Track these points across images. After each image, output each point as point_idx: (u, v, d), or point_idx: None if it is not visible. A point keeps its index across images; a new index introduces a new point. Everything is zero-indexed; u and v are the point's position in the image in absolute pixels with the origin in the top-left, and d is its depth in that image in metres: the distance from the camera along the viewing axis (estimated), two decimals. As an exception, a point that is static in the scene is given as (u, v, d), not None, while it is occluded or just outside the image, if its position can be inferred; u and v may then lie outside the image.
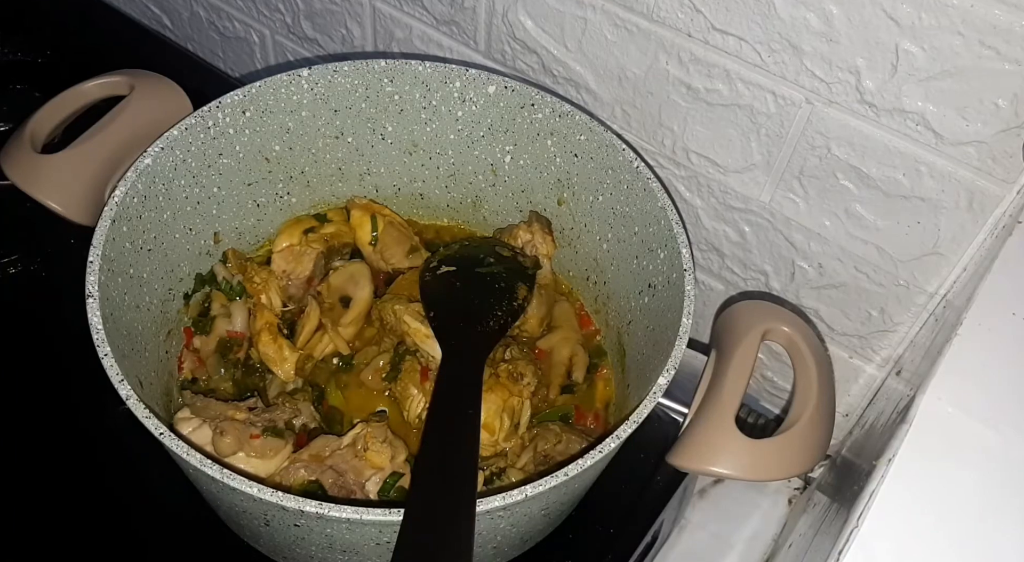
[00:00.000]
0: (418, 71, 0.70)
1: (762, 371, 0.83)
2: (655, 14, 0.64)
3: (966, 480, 0.40)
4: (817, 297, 0.73)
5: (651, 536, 0.69)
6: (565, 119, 0.69)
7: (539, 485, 0.48)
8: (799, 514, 0.78)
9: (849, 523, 0.39)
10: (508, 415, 0.64)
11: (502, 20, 0.75)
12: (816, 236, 0.68)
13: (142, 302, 0.62)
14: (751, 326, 0.62)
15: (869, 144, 0.60)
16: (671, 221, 0.62)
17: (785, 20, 0.58)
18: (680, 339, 0.56)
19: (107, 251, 0.56)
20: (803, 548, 0.63)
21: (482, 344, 0.62)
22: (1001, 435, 0.42)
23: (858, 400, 0.77)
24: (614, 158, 0.67)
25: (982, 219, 0.59)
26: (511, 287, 0.68)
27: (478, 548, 0.48)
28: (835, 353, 0.75)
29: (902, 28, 0.54)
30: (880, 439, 0.51)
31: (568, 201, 0.73)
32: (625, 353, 0.70)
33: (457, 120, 0.73)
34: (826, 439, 0.59)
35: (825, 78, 0.59)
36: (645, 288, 0.66)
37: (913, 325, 0.68)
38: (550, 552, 0.65)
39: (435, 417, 0.54)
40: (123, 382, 0.50)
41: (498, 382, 0.64)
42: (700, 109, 0.67)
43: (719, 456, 0.56)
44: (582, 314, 0.76)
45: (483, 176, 0.76)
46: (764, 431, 0.77)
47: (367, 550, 0.52)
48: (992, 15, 0.50)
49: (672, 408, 0.63)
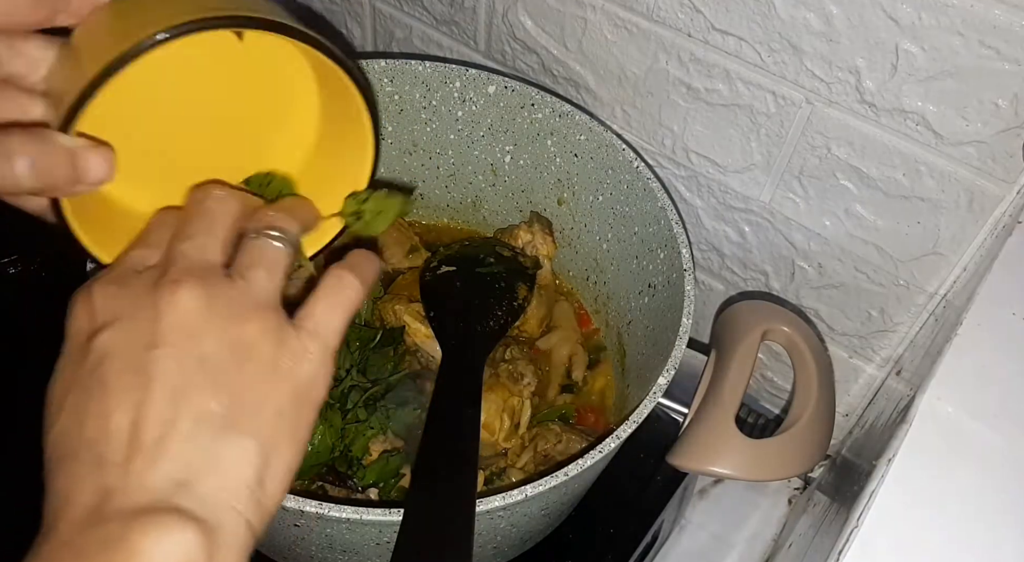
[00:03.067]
0: (418, 71, 0.70)
1: (762, 371, 0.83)
2: (655, 14, 0.64)
3: (966, 480, 0.40)
4: (817, 297, 0.73)
5: (651, 536, 0.69)
6: (565, 119, 0.69)
7: (539, 485, 0.48)
8: (799, 514, 0.78)
9: (849, 523, 0.39)
10: (508, 415, 0.64)
11: (502, 20, 0.75)
12: (816, 236, 0.68)
13: (142, 302, 0.61)
14: (751, 326, 0.62)
15: (869, 144, 0.60)
16: (671, 221, 0.62)
17: (785, 20, 0.58)
18: (680, 339, 0.56)
19: (107, 251, 0.56)
20: (803, 548, 0.63)
21: (482, 344, 0.62)
22: (1001, 435, 0.42)
23: (858, 400, 0.77)
24: (614, 158, 0.67)
25: (982, 219, 0.59)
26: (511, 287, 0.68)
27: (478, 548, 0.48)
28: (835, 353, 0.75)
29: (902, 28, 0.54)
30: (880, 439, 0.51)
31: (568, 201, 0.73)
32: (625, 353, 0.70)
33: (457, 120, 0.73)
34: (826, 439, 0.59)
35: (825, 78, 0.59)
36: (645, 288, 0.67)
37: (913, 325, 0.68)
38: (550, 552, 0.65)
39: (435, 417, 0.54)
40: (123, 382, 0.50)
41: (498, 382, 0.64)
42: (700, 109, 0.67)
43: (719, 456, 0.56)
44: (581, 313, 0.76)
45: (483, 176, 0.76)
46: (764, 431, 0.77)
47: (367, 550, 0.52)
48: (992, 15, 0.50)
49: (672, 408, 0.63)
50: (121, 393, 0.34)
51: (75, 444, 0.34)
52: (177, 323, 0.35)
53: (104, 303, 0.36)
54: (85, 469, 0.33)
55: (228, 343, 0.35)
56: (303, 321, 0.38)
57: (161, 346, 0.34)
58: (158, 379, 0.34)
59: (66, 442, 0.34)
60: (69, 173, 0.38)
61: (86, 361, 0.35)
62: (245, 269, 0.38)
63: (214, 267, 0.37)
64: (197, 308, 0.35)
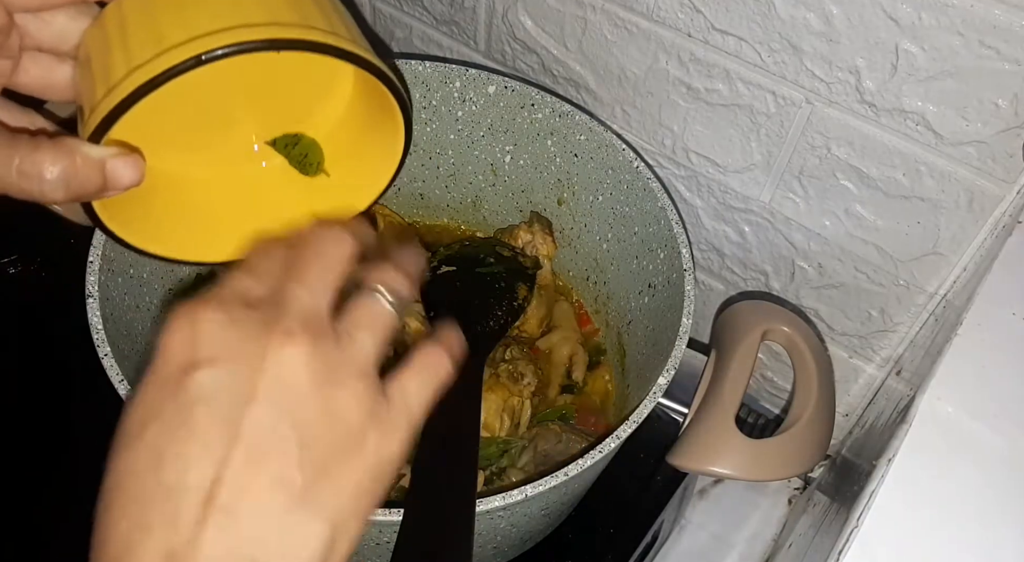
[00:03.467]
0: (418, 71, 0.70)
1: (762, 371, 0.83)
2: (655, 14, 0.64)
3: (966, 480, 0.40)
4: (817, 297, 0.73)
5: (651, 536, 0.69)
6: (565, 119, 0.69)
7: (539, 485, 0.48)
8: (799, 514, 0.78)
9: (849, 523, 0.39)
10: (508, 415, 0.64)
11: (502, 20, 0.75)
12: (816, 236, 0.68)
13: (142, 302, 0.61)
14: (751, 326, 0.62)
15: (869, 144, 0.60)
16: (671, 221, 0.62)
17: (785, 20, 0.58)
18: (680, 339, 0.56)
19: (107, 251, 0.57)
20: (803, 548, 0.63)
21: (482, 344, 0.62)
22: (1001, 435, 0.42)
23: (858, 400, 0.77)
24: (614, 158, 0.67)
25: (982, 219, 0.59)
26: (511, 287, 0.68)
27: (478, 548, 0.48)
28: (835, 353, 0.75)
29: (902, 28, 0.54)
30: (880, 439, 0.51)
31: (568, 201, 0.73)
32: (625, 353, 0.70)
33: (457, 120, 0.73)
34: (826, 439, 0.59)
35: (825, 78, 0.59)
36: (645, 288, 0.67)
37: (913, 325, 0.68)
38: (550, 552, 0.65)
39: (435, 417, 0.54)
40: (123, 382, 0.50)
41: (498, 382, 0.64)
42: (700, 109, 0.67)
43: (719, 456, 0.56)
44: (581, 313, 0.76)
45: (483, 176, 0.76)
46: (764, 431, 0.77)
47: (367, 550, 0.52)
48: (992, 15, 0.50)
49: (672, 408, 0.63)
50: (208, 444, 0.32)
51: (149, 487, 0.32)
52: (281, 380, 0.33)
53: (210, 335, 0.34)
54: (156, 521, 0.32)
55: (322, 409, 0.34)
56: (394, 393, 0.37)
57: (259, 402, 0.33)
58: (247, 437, 0.32)
59: (138, 480, 0.33)
60: (99, 183, 0.38)
61: (178, 396, 0.33)
62: (354, 329, 0.36)
63: (324, 320, 0.36)
64: (303, 367, 0.34)
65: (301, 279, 0.36)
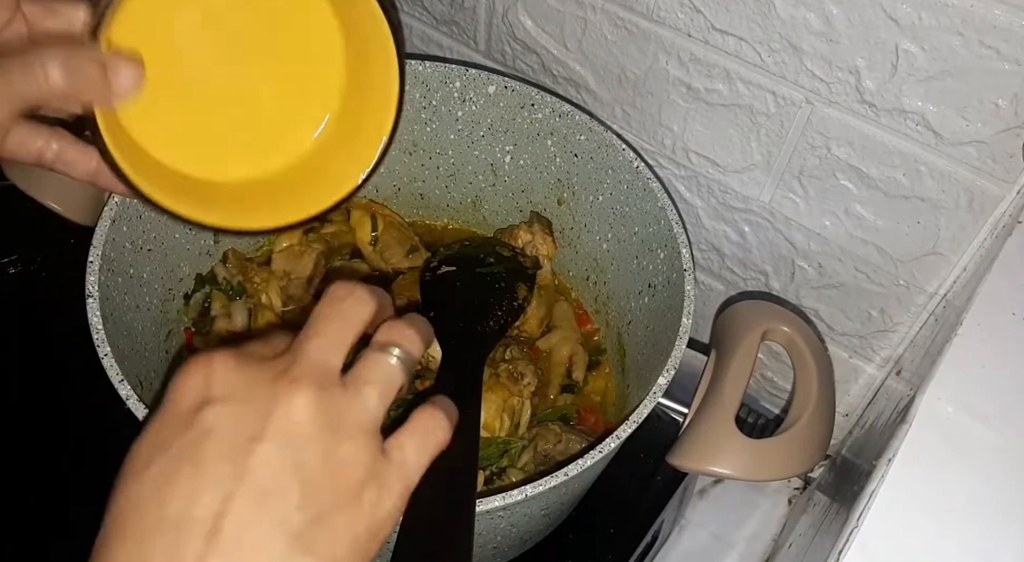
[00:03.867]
0: (418, 71, 0.70)
1: (762, 371, 0.83)
2: (655, 14, 0.64)
3: (966, 480, 0.40)
4: (817, 297, 0.73)
5: (651, 536, 0.69)
6: (565, 119, 0.69)
7: (539, 485, 0.48)
8: (799, 514, 0.78)
9: (849, 523, 0.39)
10: (508, 415, 0.64)
11: (502, 20, 0.75)
12: (816, 236, 0.68)
13: (142, 302, 0.62)
14: (751, 326, 0.62)
15: (869, 144, 0.60)
16: (671, 221, 0.62)
17: (785, 20, 0.58)
18: (680, 339, 0.56)
19: (107, 251, 0.57)
20: (803, 548, 0.63)
21: (482, 344, 0.62)
22: (1001, 435, 0.42)
23: (858, 400, 0.77)
24: (614, 158, 0.67)
25: (982, 219, 0.59)
26: (511, 287, 0.68)
27: (478, 548, 0.48)
28: (835, 353, 0.75)
29: (902, 28, 0.54)
30: (880, 439, 0.51)
31: (568, 201, 0.73)
32: (625, 353, 0.70)
33: (457, 120, 0.73)
34: (826, 439, 0.59)
35: (825, 78, 0.59)
36: (645, 288, 0.67)
37: (913, 325, 0.68)
38: (550, 552, 0.65)
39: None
40: (123, 382, 0.50)
41: (498, 382, 0.64)
42: (700, 109, 0.67)
43: (719, 456, 0.56)
44: (581, 313, 0.76)
45: (483, 176, 0.76)
46: (764, 431, 0.77)
47: (367, 550, 0.52)
48: (992, 15, 0.50)
49: (672, 408, 0.63)
50: (214, 479, 0.33)
51: (153, 520, 0.32)
52: (287, 422, 0.34)
53: (223, 376, 0.35)
54: (157, 555, 0.32)
55: (325, 456, 0.35)
56: (392, 451, 0.37)
57: (265, 441, 0.34)
58: (252, 475, 0.33)
59: (141, 512, 0.33)
60: (99, 77, 0.40)
61: (187, 431, 0.34)
62: (362, 383, 0.37)
63: (334, 373, 0.37)
64: (308, 413, 0.35)
65: (319, 334, 0.37)
